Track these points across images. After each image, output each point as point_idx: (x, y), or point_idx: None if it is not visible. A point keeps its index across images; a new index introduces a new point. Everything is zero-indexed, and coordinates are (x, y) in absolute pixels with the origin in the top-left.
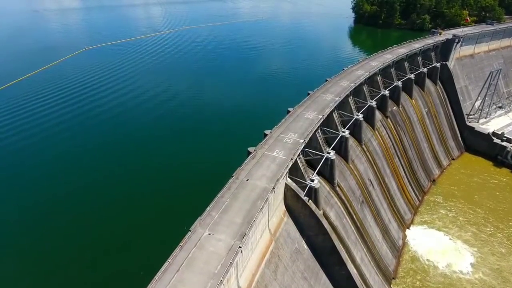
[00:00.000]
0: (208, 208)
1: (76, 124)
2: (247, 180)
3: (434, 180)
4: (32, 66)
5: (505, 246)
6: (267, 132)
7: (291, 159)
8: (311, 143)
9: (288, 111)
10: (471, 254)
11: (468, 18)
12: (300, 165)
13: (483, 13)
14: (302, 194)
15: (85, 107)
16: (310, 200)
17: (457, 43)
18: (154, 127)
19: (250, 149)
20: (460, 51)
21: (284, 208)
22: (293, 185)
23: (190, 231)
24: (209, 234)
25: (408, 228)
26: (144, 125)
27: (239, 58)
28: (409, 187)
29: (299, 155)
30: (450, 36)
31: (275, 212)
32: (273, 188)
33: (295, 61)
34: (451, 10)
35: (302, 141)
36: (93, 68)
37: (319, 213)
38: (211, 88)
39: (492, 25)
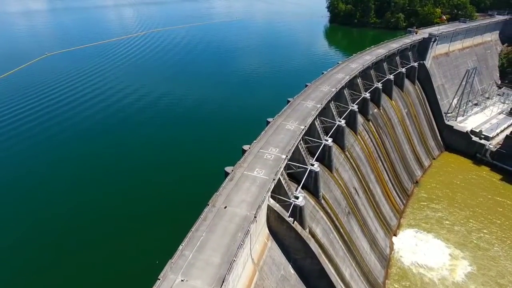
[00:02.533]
0: (180, 247)
1: (32, 139)
2: (225, 207)
3: (417, 182)
4: None
5: (496, 250)
6: (245, 147)
7: (273, 179)
8: (294, 155)
9: (268, 122)
10: (463, 258)
11: (444, 17)
12: (283, 182)
13: (455, 11)
14: (286, 215)
15: (44, 120)
16: (295, 221)
17: (434, 42)
18: (116, 149)
19: (228, 169)
20: (436, 50)
21: (267, 231)
22: (276, 206)
23: (159, 279)
24: (182, 280)
25: (395, 234)
26: (101, 148)
27: (213, 63)
28: (394, 191)
29: (281, 172)
30: (426, 35)
31: (258, 238)
32: (255, 217)
33: (272, 64)
34: (424, 8)
35: (284, 156)
36: (54, 77)
37: (305, 235)
38: (182, 97)
39: (465, 23)
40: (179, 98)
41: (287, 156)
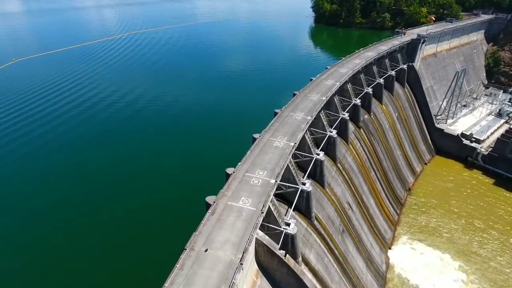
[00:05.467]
0: None
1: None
2: (206, 250)
3: (409, 189)
4: None
5: (500, 260)
6: (229, 171)
7: (262, 212)
8: (283, 174)
9: (254, 139)
10: (464, 271)
11: (433, 18)
12: (273, 208)
13: (441, 10)
14: (276, 247)
15: (5, 131)
16: (287, 254)
17: (422, 43)
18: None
19: (209, 199)
20: (424, 51)
21: (256, 266)
22: (266, 239)
23: None
24: None
25: (390, 248)
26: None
27: (194, 69)
28: (387, 201)
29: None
30: (414, 36)
31: (246, 277)
32: (241, 263)
33: (257, 70)
34: (410, 8)
35: (273, 181)
36: (21, 85)
37: (298, 269)
38: (158, 109)
39: (452, 22)
40: (154, 111)
41: (276, 181)
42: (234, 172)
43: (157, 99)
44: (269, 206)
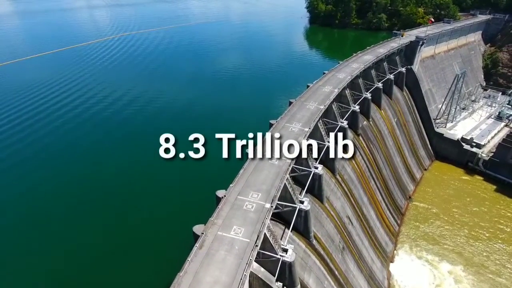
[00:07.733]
0: None
1: None
2: None
3: (410, 197)
4: None
5: (507, 272)
6: (219, 193)
7: (256, 245)
8: (280, 192)
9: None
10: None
11: (432, 19)
12: (268, 234)
13: (438, 10)
14: (273, 280)
15: None
16: (284, 286)
17: (421, 45)
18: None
19: (197, 229)
20: (422, 53)
21: None
22: (261, 272)
23: None
24: None
25: (392, 261)
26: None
27: (183, 77)
28: (387, 212)
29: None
30: (412, 38)
31: None
32: None
33: (252, 73)
34: (406, 8)
35: (268, 206)
36: (4, 91)
37: None
38: (140, 120)
39: (449, 23)
40: (135, 121)
41: (272, 206)
42: (225, 195)
43: (141, 107)
44: (264, 233)
